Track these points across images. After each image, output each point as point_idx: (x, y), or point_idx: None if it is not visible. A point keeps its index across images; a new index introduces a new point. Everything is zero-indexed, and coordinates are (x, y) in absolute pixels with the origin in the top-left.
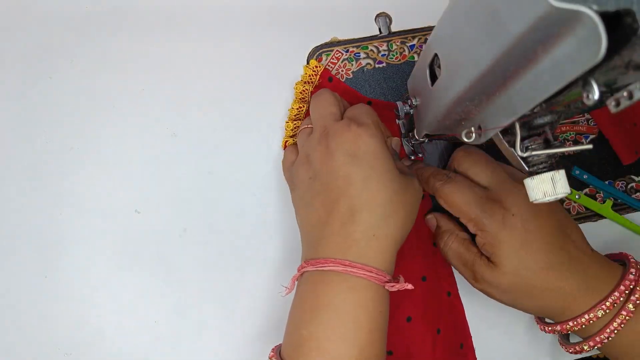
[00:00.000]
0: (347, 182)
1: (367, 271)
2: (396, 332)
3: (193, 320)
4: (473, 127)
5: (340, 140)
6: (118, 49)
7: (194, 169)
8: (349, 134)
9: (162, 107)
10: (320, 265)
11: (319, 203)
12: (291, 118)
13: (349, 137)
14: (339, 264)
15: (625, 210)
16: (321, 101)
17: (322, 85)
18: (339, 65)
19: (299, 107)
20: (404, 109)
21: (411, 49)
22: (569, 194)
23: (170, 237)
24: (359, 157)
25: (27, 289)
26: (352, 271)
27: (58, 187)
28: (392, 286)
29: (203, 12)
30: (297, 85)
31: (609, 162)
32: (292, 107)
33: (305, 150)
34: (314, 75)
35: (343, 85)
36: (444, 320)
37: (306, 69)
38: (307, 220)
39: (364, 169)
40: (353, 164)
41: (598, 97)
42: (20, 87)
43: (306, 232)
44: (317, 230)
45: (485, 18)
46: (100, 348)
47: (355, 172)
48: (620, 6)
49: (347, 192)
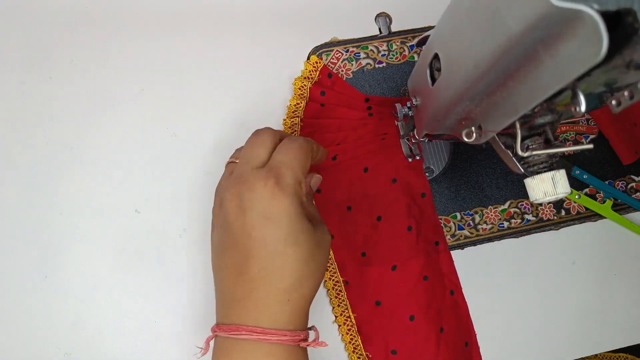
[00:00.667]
0: (259, 244)
1: (281, 336)
2: (400, 331)
3: (193, 320)
4: (473, 127)
5: (254, 197)
6: (118, 49)
7: (194, 169)
8: (264, 192)
9: (162, 107)
10: (233, 333)
11: (230, 260)
12: (289, 115)
13: (265, 196)
14: (252, 331)
15: (625, 210)
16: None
17: (321, 81)
18: (339, 65)
19: (297, 104)
20: (402, 111)
21: (411, 49)
22: (569, 194)
23: (170, 237)
24: (273, 220)
25: (27, 289)
26: (265, 338)
27: (58, 186)
28: (308, 344)
29: (203, 13)
30: (296, 80)
31: (609, 162)
32: (290, 103)
33: (221, 193)
34: (313, 71)
35: (342, 82)
36: (447, 319)
37: (306, 64)
38: (219, 274)
39: (278, 232)
40: (266, 227)
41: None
42: (20, 87)
43: (218, 289)
44: (228, 291)
45: (486, 17)
46: (100, 348)
47: (268, 235)
48: (621, 6)
49: (259, 255)
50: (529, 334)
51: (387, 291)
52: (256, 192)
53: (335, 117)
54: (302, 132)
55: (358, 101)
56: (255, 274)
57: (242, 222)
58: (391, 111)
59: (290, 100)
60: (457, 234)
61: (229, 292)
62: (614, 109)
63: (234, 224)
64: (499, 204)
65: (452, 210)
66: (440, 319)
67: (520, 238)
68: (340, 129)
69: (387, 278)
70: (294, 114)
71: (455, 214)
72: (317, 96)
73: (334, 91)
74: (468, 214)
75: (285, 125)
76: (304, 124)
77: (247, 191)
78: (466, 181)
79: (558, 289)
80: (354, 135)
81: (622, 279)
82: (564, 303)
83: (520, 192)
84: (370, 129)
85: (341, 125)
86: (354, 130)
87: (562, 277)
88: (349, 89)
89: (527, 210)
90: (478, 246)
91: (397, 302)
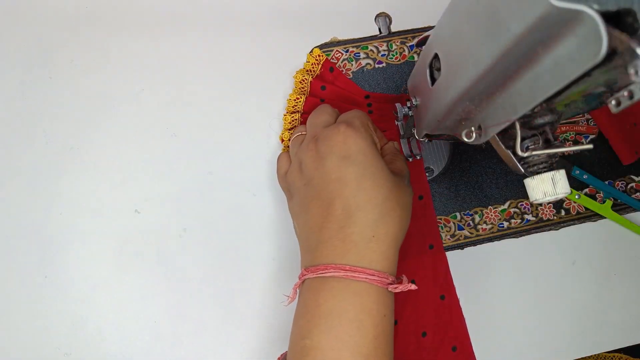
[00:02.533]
0: (341, 184)
1: (369, 274)
2: None
3: (193, 320)
4: (473, 127)
5: (330, 144)
6: (118, 49)
7: (194, 169)
8: (338, 136)
9: (162, 107)
10: (320, 272)
11: (315, 208)
12: (289, 110)
13: (339, 139)
14: (339, 269)
15: (625, 210)
16: (318, 111)
17: (322, 75)
18: (339, 65)
19: (297, 99)
20: (402, 111)
21: (411, 49)
22: (569, 194)
23: (170, 237)
24: (350, 158)
25: (27, 289)
26: (353, 276)
27: (58, 186)
28: (395, 287)
29: (203, 13)
30: (297, 74)
31: (609, 162)
32: (290, 98)
33: (298, 157)
34: (315, 64)
35: (343, 77)
36: (432, 324)
37: (309, 57)
38: (305, 227)
39: (357, 169)
40: (345, 165)
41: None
42: (20, 87)
43: (304, 239)
44: (314, 236)
45: (486, 18)
46: (100, 348)
47: (348, 173)
48: (620, 6)
49: (342, 194)
50: (528, 334)
51: None
52: (331, 139)
53: None
54: None
55: (358, 97)
56: (339, 213)
57: (322, 170)
58: (391, 108)
59: (290, 95)
60: (456, 234)
61: (317, 238)
62: (613, 109)
63: (315, 174)
64: (499, 204)
65: (452, 210)
66: (423, 323)
67: (520, 238)
68: None
69: None
70: (294, 108)
71: (455, 214)
72: (318, 91)
73: (334, 86)
74: (468, 214)
75: (286, 120)
76: (303, 120)
77: (323, 142)
78: (466, 181)
79: (558, 289)
80: None
81: (621, 279)
82: (564, 303)
83: (520, 192)
84: None
85: None
86: None
87: (561, 277)
88: (349, 84)
89: (527, 211)
90: (478, 246)
91: None
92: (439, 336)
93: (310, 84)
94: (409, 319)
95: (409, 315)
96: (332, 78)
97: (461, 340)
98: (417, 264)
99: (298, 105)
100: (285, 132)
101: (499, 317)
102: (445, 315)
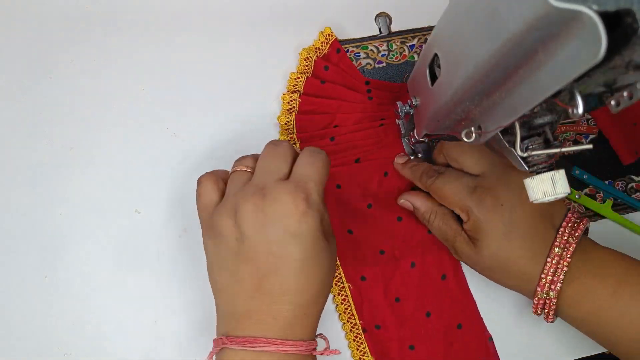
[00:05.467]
0: (281, 262)
1: (298, 346)
2: (386, 310)
3: (193, 320)
4: (473, 127)
5: (280, 211)
6: (118, 49)
7: (194, 169)
8: (290, 208)
9: (162, 107)
10: (250, 345)
11: (246, 274)
12: (289, 89)
13: (292, 212)
14: (271, 343)
15: (625, 210)
16: (276, 152)
17: (329, 55)
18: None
19: (297, 78)
20: (404, 109)
21: (411, 49)
22: (569, 194)
23: (170, 237)
24: (298, 238)
25: (27, 289)
26: (283, 349)
27: (58, 187)
28: (321, 353)
29: (203, 12)
30: (303, 51)
31: (609, 162)
32: (291, 77)
33: (234, 201)
34: (324, 43)
35: (348, 60)
36: (437, 303)
37: (320, 34)
38: (230, 287)
39: (301, 251)
40: (290, 244)
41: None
42: (20, 87)
43: (226, 300)
44: (241, 302)
45: (485, 18)
46: (100, 348)
47: (291, 253)
48: (620, 6)
49: (280, 272)
50: (528, 334)
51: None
52: (283, 207)
53: (334, 97)
54: (301, 109)
55: (359, 83)
56: (275, 289)
57: (263, 237)
58: (390, 97)
59: (291, 74)
60: None
61: (243, 305)
62: (613, 109)
63: (252, 236)
64: None
65: None
66: (426, 303)
67: None
68: (339, 110)
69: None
70: (294, 87)
71: None
72: (321, 71)
73: (338, 68)
74: None
75: (284, 100)
76: (302, 101)
77: (272, 205)
78: None
79: None
80: (352, 118)
81: None
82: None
83: None
84: (369, 114)
85: (340, 106)
86: (353, 113)
87: None
88: (352, 68)
89: None
90: None
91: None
92: (445, 315)
93: (314, 62)
94: (414, 298)
95: (411, 294)
96: (337, 60)
97: (465, 318)
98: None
99: (298, 84)
100: (284, 112)
101: (499, 317)
102: (445, 295)
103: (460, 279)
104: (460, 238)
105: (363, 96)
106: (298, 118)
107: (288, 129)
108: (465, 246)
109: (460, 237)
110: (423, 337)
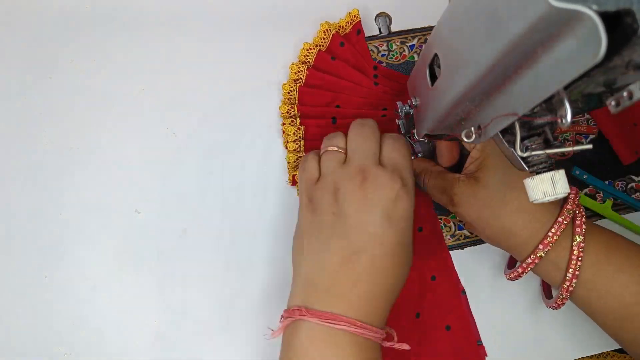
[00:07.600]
0: (375, 241)
1: (375, 332)
2: None
3: (193, 320)
4: (473, 127)
5: (381, 195)
6: (118, 49)
7: (194, 169)
8: (391, 193)
9: (162, 107)
10: (330, 322)
11: (337, 248)
12: (300, 59)
13: (391, 197)
14: (352, 324)
15: (625, 210)
16: (365, 133)
17: (349, 36)
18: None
19: (310, 49)
20: (404, 109)
21: (411, 49)
22: (569, 193)
23: (170, 237)
24: (394, 221)
25: (27, 289)
26: (362, 333)
27: (58, 187)
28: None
29: (203, 12)
30: (324, 23)
31: (609, 162)
32: (304, 47)
33: (333, 179)
34: (349, 23)
35: (364, 44)
36: (425, 305)
37: (348, 15)
38: (316, 259)
39: (395, 234)
40: (386, 226)
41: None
42: (20, 87)
43: (309, 269)
44: (326, 276)
45: (485, 18)
46: (100, 348)
47: (386, 235)
48: (620, 6)
49: (372, 251)
50: (528, 334)
51: None
52: (383, 191)
53: (341, 75)
54: (306, 82)
55: (368, 67)
56: (363, 268)
57: (362, 217)
58: (395, 86)
59: (304, 44)
60: (457, 233)
61: (329, 279)
62: (613, 110)
63: (352, 214)
64: None
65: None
66: (415, 305)
67: None
68: (343, 91)
69: None
70: (305, 58)
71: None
72: (336, 46)
73: (353, 48)
74: None
75: (292, 70)
76: (309, 74)
77: (374, 188)
78: None
79: None
80: (355, 101)
81: None
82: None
83: None
84: (372, 100)
85: (345, 87)
86: (356, 96)
87: None
88: (366, 51)
89: None
90: (478, 246)
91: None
92: (433, 316)
93: (332, 36)
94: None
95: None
96: (355, 40)
97: (455, 319)
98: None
99: (310, 56)
100: (290, 82)
101: (499, 317)
102: (434, 296)
103: (437, 231)
104: (460, 182)
105: (369, 81)
106: (301, 90)
107: (290, 99)
108: (466, 186)
109: (459, 181)
110: None
